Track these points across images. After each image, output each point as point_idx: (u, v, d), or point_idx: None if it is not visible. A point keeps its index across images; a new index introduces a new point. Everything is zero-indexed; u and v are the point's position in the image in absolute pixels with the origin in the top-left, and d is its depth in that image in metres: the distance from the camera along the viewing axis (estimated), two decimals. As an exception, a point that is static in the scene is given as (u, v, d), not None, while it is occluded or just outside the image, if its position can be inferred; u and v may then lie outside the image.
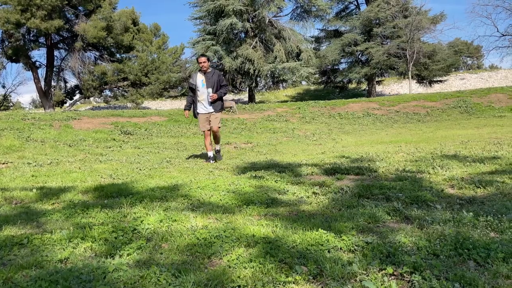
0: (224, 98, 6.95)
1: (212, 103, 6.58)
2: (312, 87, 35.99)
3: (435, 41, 28.51)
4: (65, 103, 28.84)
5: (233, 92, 28.60)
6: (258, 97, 29.74)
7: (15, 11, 20.85)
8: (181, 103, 29.94)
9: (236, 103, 18.07)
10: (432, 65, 26.48)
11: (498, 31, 43.87)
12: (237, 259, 2.06)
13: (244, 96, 31.43)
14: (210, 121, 6.66)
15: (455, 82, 33.91)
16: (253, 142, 10.34)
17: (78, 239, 2.42)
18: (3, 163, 6.45)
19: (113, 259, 2.16)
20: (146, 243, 2.37)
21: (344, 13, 29.71)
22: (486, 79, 34.72)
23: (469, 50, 49.58)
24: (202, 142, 10.34)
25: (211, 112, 6.62)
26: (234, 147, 9.42)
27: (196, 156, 7.52)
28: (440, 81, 29.24)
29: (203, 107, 6.64)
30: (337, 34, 28.71)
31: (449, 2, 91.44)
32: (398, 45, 25.42)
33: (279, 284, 1.82)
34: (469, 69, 48.05)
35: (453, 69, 35.89)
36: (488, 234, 2.35)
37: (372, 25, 27.17)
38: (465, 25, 61.60)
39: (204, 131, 6.79)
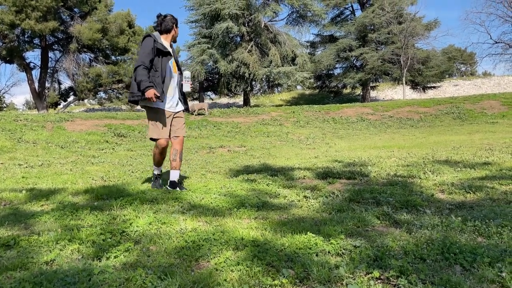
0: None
1: (182, 95, 4.24)
2: (307, 92, 36.13)
3: (429, 47, 28.92)
4: (59, 104, 28.70)
5: (228, 95, 28.62)
6: (253, 101, 29.78)
7: (9, 12, 20.79)
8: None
9: (230, 106, 18.04)
10: (426, 71, 26.76)
11: (491, 38, 44.46)
12: (224, 262, 2.06)
13: (239, 100, 31.46)
14: (175, 125, 4.10)
15: (448, 88, 34.21)
16: (247, 145, 10.33)
17: (65, 241, 2.39)
18: (-6, 164, 6.40)
19: (99, 261, 2.15)
20: (134, 246, 2.35)
21: (339, 18, 29.98)
22: (479, 86, 35.07)
23: (462, 56, 50.14)
24: (196, 144, 10.29)
25: (178, 112, 4.14)
26: (228, 150, 9.41)
27: (188, 159, 7.50)
28: (434, 87, 29.51)
29: (170, 102, 4.04)
30: (332, 39, 28.93)
31: (443, 9, 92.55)
32: (392, 51, 25.64)
33: (266, 287, 1.81)
34: (463, 76, 48.48)
35: (447, 76, 36.22)
36: (476, 238, 2.37)
37: (367, 31, 27.40)
38: (459, 32, 62.29)
39: (161, 145, 3.98)
